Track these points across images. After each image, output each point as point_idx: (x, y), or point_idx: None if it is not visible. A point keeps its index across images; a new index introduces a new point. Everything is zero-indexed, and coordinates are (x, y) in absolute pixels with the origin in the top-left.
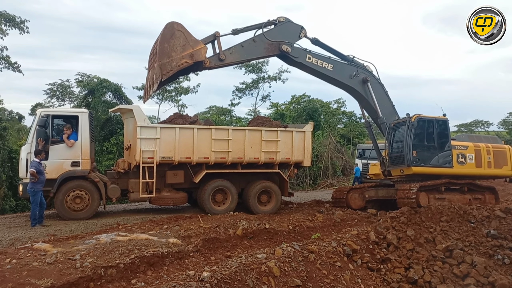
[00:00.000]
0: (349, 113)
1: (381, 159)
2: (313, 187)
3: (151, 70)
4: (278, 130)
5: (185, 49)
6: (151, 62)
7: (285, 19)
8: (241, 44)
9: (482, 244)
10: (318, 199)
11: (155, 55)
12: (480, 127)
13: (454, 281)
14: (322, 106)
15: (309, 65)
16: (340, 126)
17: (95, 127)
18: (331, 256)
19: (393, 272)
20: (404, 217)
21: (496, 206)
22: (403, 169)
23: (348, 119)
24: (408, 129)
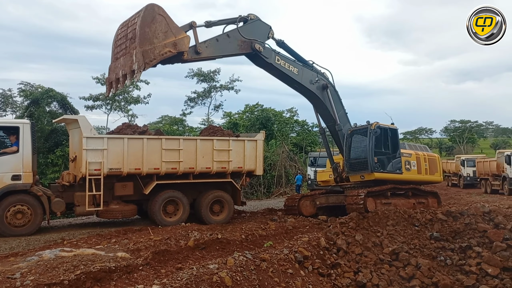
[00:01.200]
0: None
1: (334, 165)
2: (267, 196)
3: (124, 57)
4: (230, 139)
5: (167, 37)
6: (123, 48)
7: (255, 16)
8: (216, 38)
9: (426, 246)
10: (271, 207)
11: (132, 40)
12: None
13: (401, 283)
14: (275, 115)
15: (278, 67)
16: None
17: (38, 139)
18: (283, 264)
19: (343, 277)
20: (353, 223)
21: (438, 209)
22: (364, 175)
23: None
24: (370, 136)
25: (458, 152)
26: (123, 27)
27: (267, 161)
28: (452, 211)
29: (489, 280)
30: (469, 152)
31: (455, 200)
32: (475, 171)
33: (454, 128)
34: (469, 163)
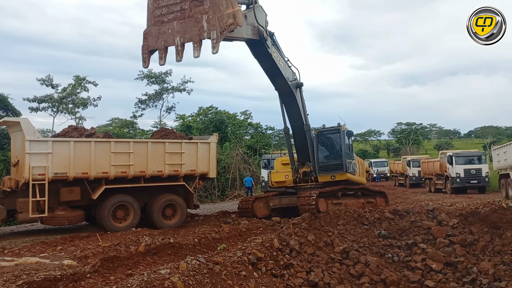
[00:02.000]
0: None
1: (295, 166)
2: (221, 199)
3: (178, 21)
4: (182, 142)
5: (228, 5)
6: (174, 10)
7: (256, 1)
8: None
9: (375, 244)
10: (225, 210)
11: (196, 2)
12: (373, 136)
13: (351, 280)
14: (229, 118)
15: (274, 59)
16: (247, 137)
17: None
18: (236, 266)
19: (295, 277)
20: (305, 223)
21: (386, 208)
22: (335, 175)
23: (255, 130)
24: (341, 138)
25: (405, 153)
26: None
27: (221, 164)
28: (399, 210)
29: (433, 275)
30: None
31: (401, 199)
32: (420, 171)
33: (400, 130)
34: (414, 163)
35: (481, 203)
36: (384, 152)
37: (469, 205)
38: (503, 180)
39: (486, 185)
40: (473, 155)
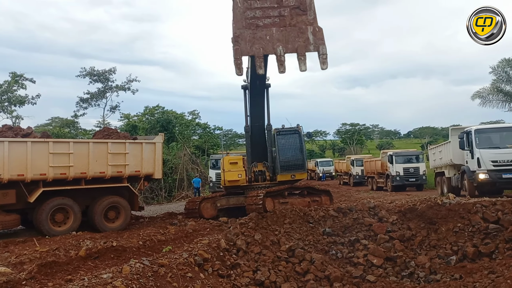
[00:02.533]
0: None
1: (252, 165)
2: (168, 200)
3: (279, 28)
4: (126, 142)
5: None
6: (272, 15)
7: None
8: None
9: (320, 241)
10: (171, 211)
11: (298, 10)
12: (319, 136)
13: (296, 278)
14: (176, 118)
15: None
16: (195, 137)
17: None
18: (182, 268)
19: (242, 276)
20: (252, 223)
21: (330, 206)
22: (294, 174)
23: (203, 130)
24: (301, 138)
25: (349, 153)
26: None
27: (168, 165)
28: (342, 208)
29: (375, 270)
30: (358, 152)
31: (345, 197)
32: (363, 170)
33: (345, 130)
34: (358, 162)
35: (418, 200)
36: (330, 152)
37: (407, 202)
38: (438, 178)
39: (423, 183)
40: (411, 155)
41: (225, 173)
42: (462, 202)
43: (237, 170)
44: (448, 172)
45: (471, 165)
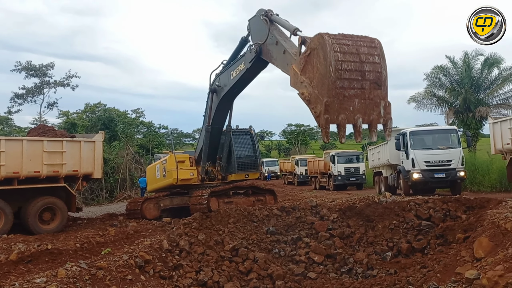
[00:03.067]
0: (148, 123)
1: (207, 164)
2: (109, 200)
3: (360, 100)
4: (63, 140)
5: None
6: (355, 86)
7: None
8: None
9: (263, 240)
10: (112, 212)
11: (375, 84)
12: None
13: (240, 277)
14: (119, 116)
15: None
16: (139, 136)
17: None
18: (122, 270)
19: (184, 277)
20: (196, 223)
21: (274, 205)
22: (248, 174)
23: (147, 129)
24: (253, 139)
25: (294, 153)
26: (349, 53)
27: (109, 164)
28: (286, 207)
29: (316, 267)
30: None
31: (290, 197)
32: (307, 170)
33: (290, 131)
34: (302, 162)
35: (357, 199)
36: (276, 152)
37: (347, 200)
38: (376, 177)
39: (363, 182)
40: (352, 155)
41: (179, 172)
42: (397, 201)
43: (188, 169)
44: (385, 171)
45: (406, 165)
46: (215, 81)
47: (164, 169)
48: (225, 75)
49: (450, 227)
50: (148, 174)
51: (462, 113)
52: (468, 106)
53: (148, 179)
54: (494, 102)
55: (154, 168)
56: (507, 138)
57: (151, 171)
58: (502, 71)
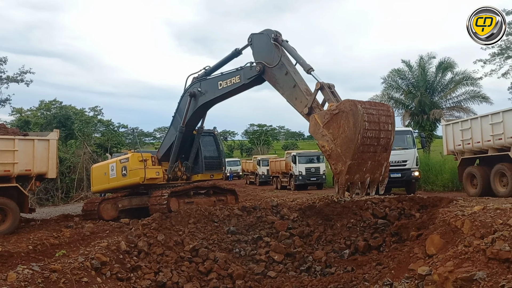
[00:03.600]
0: (107, 121)
1: (174, 165)
2: (65, 201)
3: (372, 162)
4: (15, 138)
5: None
6: (371, 150)
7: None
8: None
9: (224, 240)
10: (67, 213)
11: (384, 149)
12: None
13: (199, 278)
14: (76, 114)
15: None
16: (97, 135)
17: None
18: (77, 273)
19: (143, 279)
20: (155, 223)
21: (235, 205)
22: (213, 174)
23: (106, 127)
24: (219, 139)
25: (256, 153)
26: (373, 122)
27: (65, 163)
28: (247, 207)
29: (275, 266)
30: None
31: (251, 197)
32: (269, 170)
33: (253, 131)
34: (263, 162)
35: (317, 198)
36: (238, 152)
37: (307, 200)
38: None
39: (323, 182)
40: (313, 155)
41: (147, 171)
42: (355, 200)
43: (154, 168)
44: None
45: None
46: (193, 85)
47: (124, 168)
48: (210, 82)
49: (405, 225)
50: (94, 174)
51: (418, 115)
52: (423, 108)
53: (94, 179)
54: (447, 105)
55: (105, 167)
56: (459, 139)
57: (100, 170)
58: (455, 75)
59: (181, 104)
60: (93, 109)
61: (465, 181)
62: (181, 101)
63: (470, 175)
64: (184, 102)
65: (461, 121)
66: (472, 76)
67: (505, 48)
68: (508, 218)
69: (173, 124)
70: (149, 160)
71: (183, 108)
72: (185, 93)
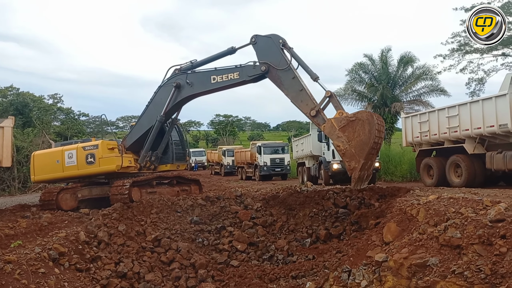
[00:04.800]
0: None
1: (149, 153)
2: (22, 191)
3: (371, 162)
4: None
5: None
6: (374, 153)
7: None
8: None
9: (187, 230)
10: (24, 203)
11: (377, 151)
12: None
13: (161, 267)
14: (34, 101)
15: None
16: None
17: None
18: (33, 264)
19: (103, 269)
20: (116, 213)
21: (199, 195)
22: (179, 165)
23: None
24: (183, 130)
25: (222, 144)
26: (379, 131)
27: (23, 152)
28: (211, 196)
29: (238, 255)
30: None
31: (216, 187)
32: (234, 160)
33: (219, 121)
34: (229, 153)
35: (281, 188)
36: (203, 143)
37: (271, 190)
38: (300, 168)
39: (288, 173)
40: (278, 146)
41: (117, 159)
42: (317, 190)
43: (127, 156)
44: (308, 162)
45: (327, 156)
46: (178, 77)
47: (91, 156)
48: (200, 76)
49: (364, 214)
50: (38, 162)
51: (380, 108)
52: (385, 101)
53: (38, 167)
54: (408, 98)
55: (56, 155)
56: (417, 131)
57: (49, 157)
58: (416, 69)
59: (159, 94)
60: (52, 97)
61: (422, 171)
62: (158, 91)
63: (427, 166)
64: (165, 93)
65: (419, 114)
66: (431, 71)
67: (464, 44)
68: (460, 207)
69: (146, 114)
70: (115, 149)
71: (163, 98)
72: (163, 84)
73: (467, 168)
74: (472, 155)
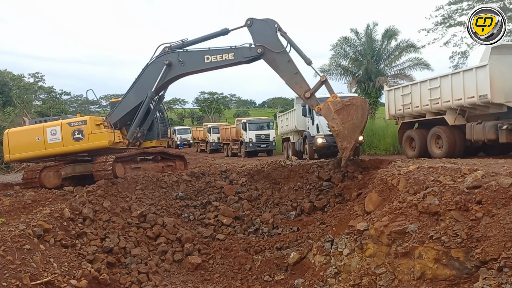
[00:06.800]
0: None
1: (139, 129)
2: (5, 171)
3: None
4: None
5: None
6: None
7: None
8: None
9: (172, 206)
10: (7, 182)
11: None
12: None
13: (148, 242)
14: (14, 80)
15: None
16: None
17: None
18: (18, 240)
19: (89, 245)
20: (101, 190)
21: (184, 171)
22: (162, 142)
23: (47, 95)
24: (164, 108)
25: (207, 121)
26: (368, 115)
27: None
28: (196, 172)
29: (224, 229)
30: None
31: (201, 164)
32: (219, 138)
33: (204, 99)
34: (214, 130)
35: (266, 163)
36: (189, 120)
37: (256, 165)
38: (285, 143)
39: (273, 149)
40: (263, 122)
41: (109, 134)
42: (302, 164)
43: (116, 132)
44: (293, 137)
45: (312, 130)
46: (169, 55)
47: (78, 132)
48: (193, 55)
49: (348, 187)
50: (14, 140)
51: (364, 82)
52: (369, 76)
53: (15, 145)
54: (392, 72)
55: (36, 131)
56: (399, 104)
57: (28, 135)
58: (400, 43)
59: (148, 71)
60: (33, 75)
61: (404, 144)
62: (147, 68)
63: (409, 138)
64: (155, 70)
65: (402, 87)
66: (415, 44)
67: (447, 17)
68: (439, 175)
69: (133, 90)
70: (102, 125)
71: (153, 75)
72: (152, 61)
73: (447, 139)
74: (452, 126)
